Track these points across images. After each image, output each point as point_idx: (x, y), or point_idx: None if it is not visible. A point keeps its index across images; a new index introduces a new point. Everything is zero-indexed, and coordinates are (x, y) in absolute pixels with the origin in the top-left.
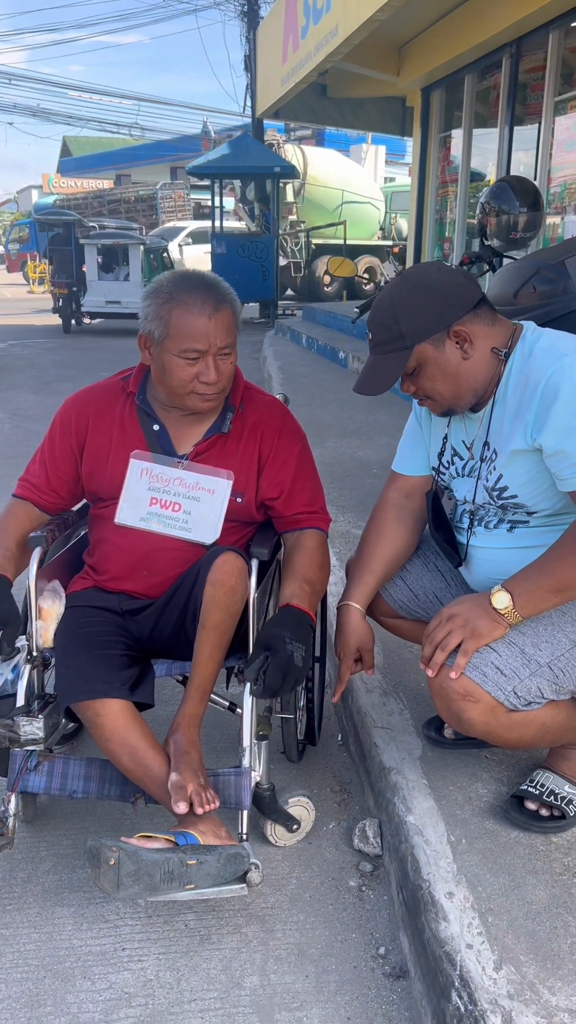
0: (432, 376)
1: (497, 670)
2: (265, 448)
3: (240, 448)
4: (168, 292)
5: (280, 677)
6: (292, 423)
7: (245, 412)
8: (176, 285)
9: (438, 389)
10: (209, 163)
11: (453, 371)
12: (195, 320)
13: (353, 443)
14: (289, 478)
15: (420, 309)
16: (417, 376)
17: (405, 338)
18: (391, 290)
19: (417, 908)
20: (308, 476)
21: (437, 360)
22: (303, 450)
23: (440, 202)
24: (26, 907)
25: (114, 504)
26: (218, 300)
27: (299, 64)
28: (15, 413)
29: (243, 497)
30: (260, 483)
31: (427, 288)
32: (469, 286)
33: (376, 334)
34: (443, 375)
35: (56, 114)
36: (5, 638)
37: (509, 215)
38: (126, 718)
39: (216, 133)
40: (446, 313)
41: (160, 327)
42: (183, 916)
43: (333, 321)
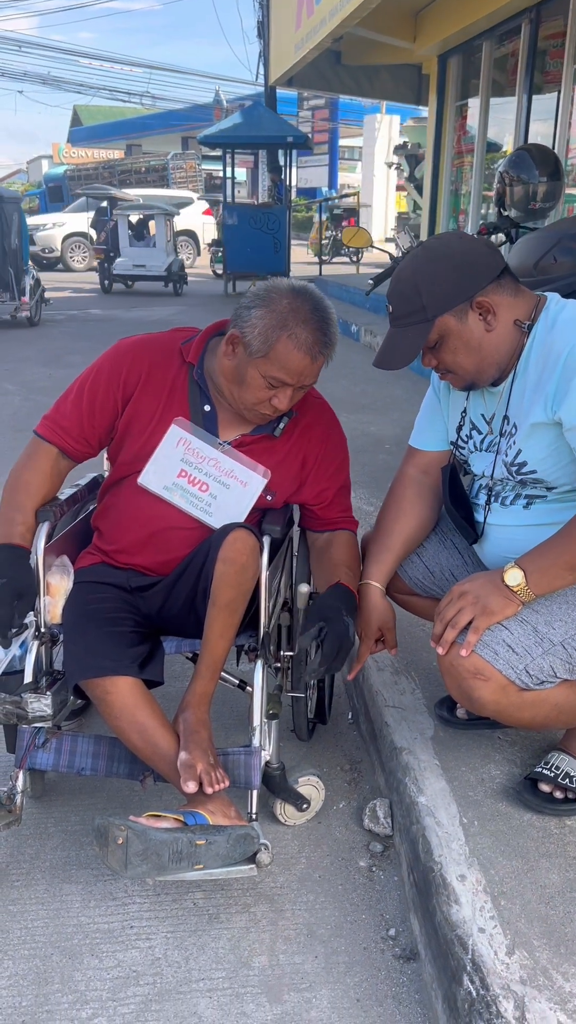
0: (454, 349)
1: (508, 648)
2: (311, 456)
3: (286, 449)
4: (283, 314)
5: (336, 647)
6: (338, 430)
7: (298, 415)
8: (293, 310)
9: (460, 362)
10: (221, 133)
11: (476, 343)
12: (299, 358)
13: (366, 418)
14: (333, 489)
15: (442, 280)
16: (439, 349)
17: (427, 310)
18: (411, 261)
19: (428, 890)
20: (346, 485)
21: (460, 332)
22: (345, 459)
23: (456, 173)
24: (34, 883)
25: (136, 475)
26: (325, 343)
27: (313, 30)
28: (25, 385)
29: (274, 496)
30: (301, 489)
31: (449, 258)
32: (492, 255)
33: (396, 307)
34: (466, 348)
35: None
36: (20, 609)
37: (528, 185)
38: (135, 696)
39: (228, 102)
40: (469, 284)
41: (261, 345)
42: (191, 895)
43: (345, 294)
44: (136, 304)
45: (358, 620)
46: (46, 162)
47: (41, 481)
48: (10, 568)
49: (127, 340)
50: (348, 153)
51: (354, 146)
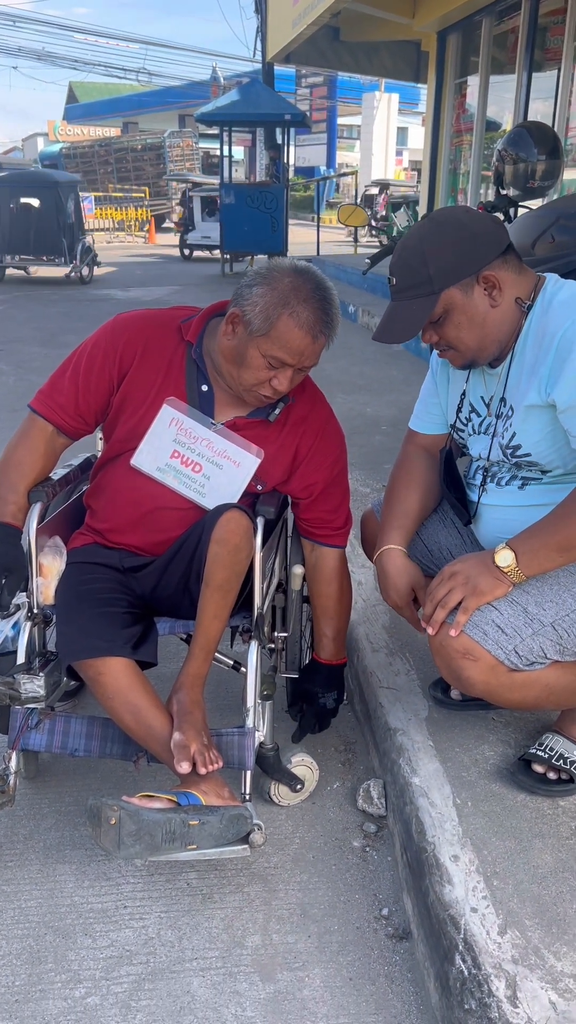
0: (459, 324)
1: (498, 628)
2: (303, 447)
3: (279, 439)
4: (284, 293)
5: (314, 724)
6: (335, 425)
7: (294, 405)
8: (295, 289)
9: (463, 338)
10: (218, 110)
11: (480, 319)
12: (300, 336)
13: (362, 399)
14: (320, 484)
15: (449, 251)
16: (442, 324)
17: (433, 282)
18: (418, 231)
19: (421, 870)
20: (338, 483)
21: (465, 307)
22: (340, 456)
23: (454, 152)
24: (27, 864)
25: (129, 453)
26: (326, 323)
27: (311, 5)
28: (20, 365)
29: (264, 485)
30: (290, 481)
31: (457, 231)
32: (498, 231)
33: (400, 278)
34: (469, 323)
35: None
36: (8, 586)
37: (527, 163)
38: (128, 677)
39: (225, 79)
40: (476, 257)
41: (262, 323)
42: (185, 875)
43: (343, 274)
44: (132, 284)
45: (387, 588)
46: (42, 140)
47: (34, 460)
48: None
49: (125, 315)
50: (347, 131)
51: (352, 124)
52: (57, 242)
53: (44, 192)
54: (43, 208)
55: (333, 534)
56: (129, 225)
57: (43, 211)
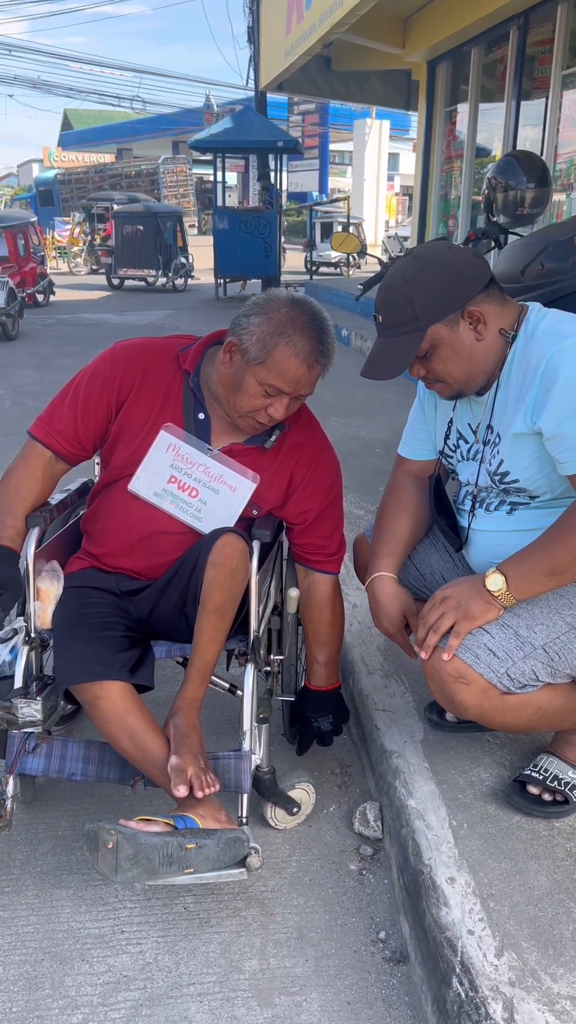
0: (445, 358)
1: (490, 652)
2: (298, 474)
3: (274, 465)
4: (280, 323)
5: (309, 745)
6: (329, 452)
7: (289, 432)
8: (291, 319)
9: (450, 371)
10: (212, 137)
11: (466, 353)
12: (296, 365)
13: (356, 422)
14: (315, 511)
15: (434, 288)
16: (429, 359)
17: (419, 319)
18: (401, 270)
19: (418, 893)
20: (333, 510)
21: (451, 342)
22: (334, 483)
23: (445, 178)
24: (24, 889)
25: (126, 479)
26: (322, 352)
27: (303, 36)
28: (15, 390)
29: (259, 511)
30: (285, 507)
31: (441, 266)
32: (480, 265)
33: (387, 316)
34: (456, 357)
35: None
36: (3, 603)
37: (516, 191)
38: (125, 700)
39: (219, 106)
40: (461, 292)
41: (259, 352)
42: (182, 899)
43: (335, 298)
44: (127, 308)
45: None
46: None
47: (32, 485)
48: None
49: (123, 343)
50: (338, 157)
51: (344, 150)
52: (154, 259)
53: (147, 221)
54: (146, 233)
55: (326, 560)
56: None
57: (146, 235)
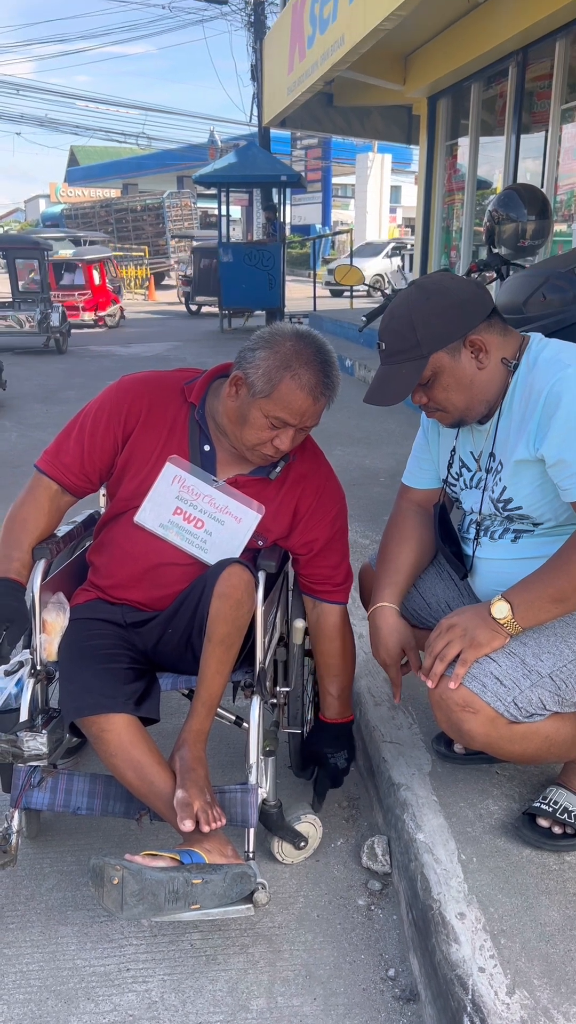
0: (447, 386)
1: (496, 680)
2: (303, 505)
3: (279, 496)
4: (286, 356)
5: (327, 788)
6: (334, 483)
7: (294, 463)
8: (296, 352)
9: (452, 399)
10: (216, 172)
11: (468, 381)
12: (301, 398)
13: (360, 451)
14: (320, 541)
15: (437, 317)
16: (431, 386)
17: (421, 346)
18: (405, 298)
19: (427, 929)
20: (338, 540)
21: (453, 369)
22: (339, 513)
23: (447, 210)
24: (29, 926)
25: (133, 511)
26: (327, 385)
27: (305, 73)
28: (21, 422)
29: (264, 541)
30: (290, 537)
31: (443, 296)
32: (483, 296)
33: (390, 343)
34: (458, 385)
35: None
36: (9, 637)
37: (517, 223)
38: (131, 733)
39: (223, 142)
40: (463, 321)
41: (265, 385)
42: (188, 936)
43: (339, 329)
44: (132, 340)
45: (377, 646)
46: (43, 201)
47: (39, 517)
48: (1, 597)
49: (129, 377)
50: (341, 190)
51: (347, 183)
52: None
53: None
54: None
55: (334, 590)
56: (129, 283)
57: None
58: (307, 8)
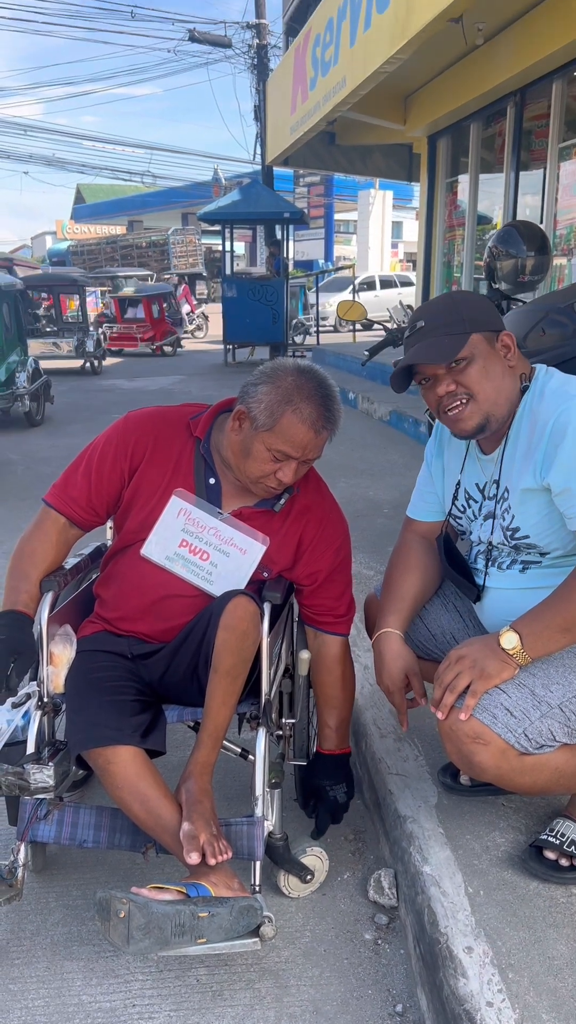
0: (481, 369)
1: (507, 711)
2: (307, 536)
3: (284, 528)
4: (288, 391)
5: (328, 822)
6: (338, 514)
7: (298, 495)
8: (298, 387)
9: (484, 386)
10: (220, 209)
11: (498, 374)
12: (303, 432)
13: (364, 482)
14: (324, 572)
15: (477, 306)
16: (463, 369)
17: (465, 323)
18: (442, 296)
19: (435, 963)
20: (342, 571)
21: (487, 356)
22: (343, 544)
23: (448, 245)
24: (34, 961)
25: (139, 544)
26: (328, 419)
27: (308, 114)
28: (28, 455)
29: (269, 573)
30: (294, 569)
31: (479, 295)
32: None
33: (430, 319)
34: (489, 374)
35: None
36: (17, 669)
37: (517, 259)
38: (137, 766)
39: (227, 180)
40: (497, 319)
41: (267, 419)
42: (195, 971)
43: (342, 362)
44: (139, 374)
45: (381, 672)
46: (50, 238)
47: (47, 550)
48: (9, 629)
49: (137, 412)
50: (343, 226)
51: (349, 219)
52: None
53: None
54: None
55: (336, 621)
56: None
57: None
58: (309, 52)
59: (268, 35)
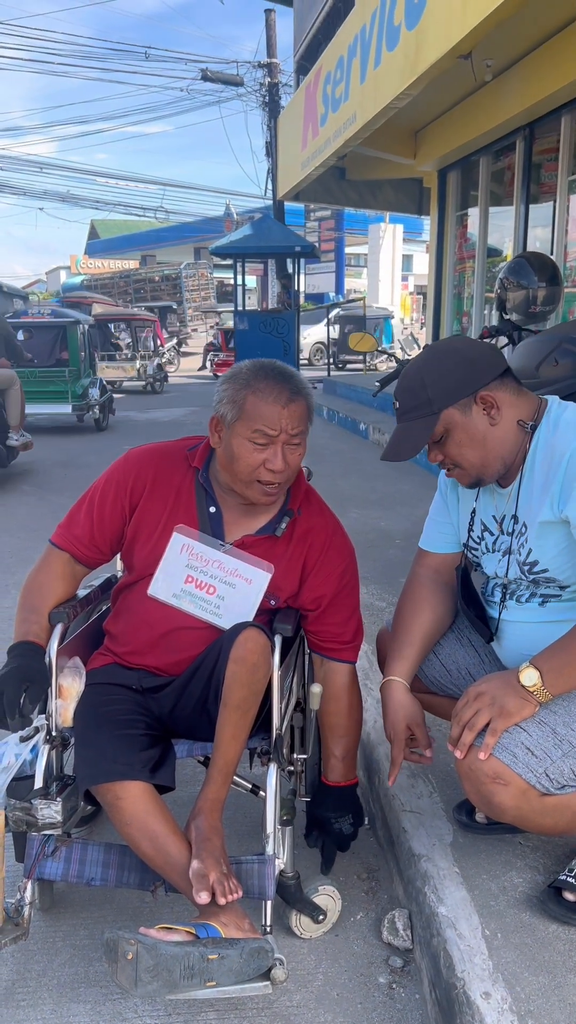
0: (460, 442)
1: (528, 751)
2: (311, 558)
3: (288, 553)
4: (245, 378)
5: (334, 853)
6: (342, 537)
7: (299, 518)
8: (254, 373)
9: (466, 456)
10: (232, 243)
11: (480, 437)
12: (270, 406)
13: (375, 513)
14: (328, 596)
15: (447, 374)
16: (444, 443)
17: (433, 403)
18: (417, 360)
19: (452, 1009)
20: (347, 596)
21: (465, 425)
22: (348, 568)
23: (458, 277)
24: (40, 1003)
25: (146, 579)
26: (293, 391)
27: (318, 149)
28: (40, 486)
29: (277, 600)
30: (300, 594)
31: (453, 354)
32: (494, 356)
33: (403, 401)
34: (470, 441)
35: (85, 199)
36: (30, 696)
37: (528, 290)
38: (146, 801)
39: (238, 215)
40: (473, 378)
41: (233, 410)
42: (204, 1014)
43: (353, 394)
44: (151, 406)
45: (385, 721)
46: (64, 272)
47: (54, 583)
48: (21, 658)
49: (135, 450)
50: (354, 260)
51: (360, 253)
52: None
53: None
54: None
55: (342, 648)
56: None
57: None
58: (320, 89)
59: (279, 74)
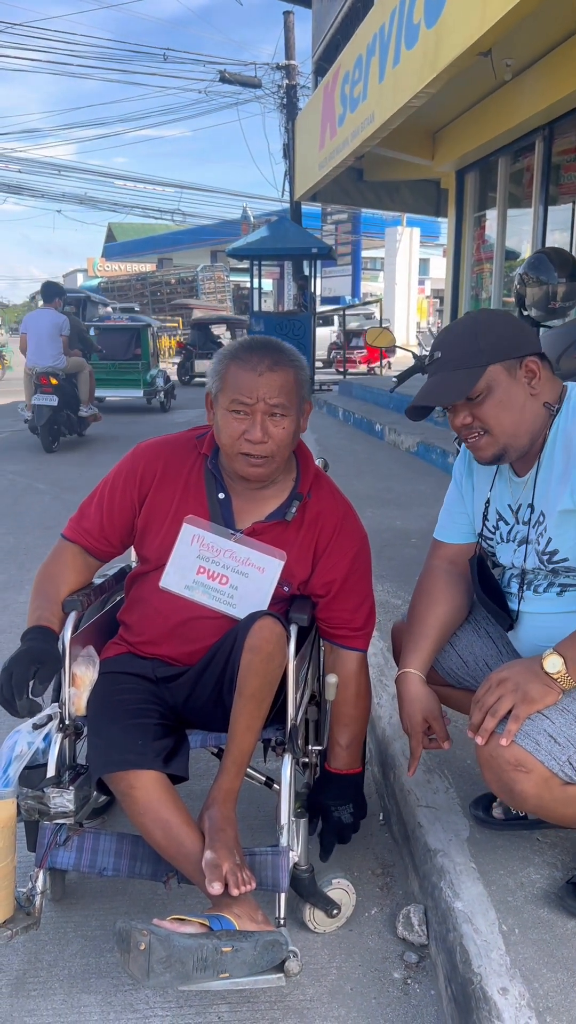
0: (499, 402)
1: (550, 738)
2: (321, 542)
3: (299, 538)
4: (230, 350)
5: (335, 840)
6: (353, 521)
7: (310, 502)
8: (240, 345)
9: (502, 420)
10: (249, 245)
11: (519, 405)
12: (246, 374)
13: (391, 512)
14: (339, 581)
15: (500, 331)
16: (481, 402)
17: (482, 354)
18: (469, 315)
19: (468, 1005)
20: (358, 581)
21: (507, 387)
22: (359, 553)
23: (476, 279)
24: (51, 993)
25: (160, 569)
26: (274, 360)
27: (336, 150)
28: (55, 484)
29: (290, 587)
30: (311, 580)
31: (507, 316)
32: (536, 335)
33: (447, 351)
34: (509, 406)
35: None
36: (41, 676)
37: (547, 285)
38: (160, 791)
39: (255, 217)
40: (524, 342)
41: (218, 382)
42: (216, 1007)
43: (369, 395)
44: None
45: (402, 714)
46: (81, 275)
47: (67, 573)
48: (32, 640)
49: (145, 443)
50: (370, 263)
51: (376, 257)
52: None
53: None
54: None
55: (352, 635)
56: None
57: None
58: (338, 89)
59: (297, 75)
